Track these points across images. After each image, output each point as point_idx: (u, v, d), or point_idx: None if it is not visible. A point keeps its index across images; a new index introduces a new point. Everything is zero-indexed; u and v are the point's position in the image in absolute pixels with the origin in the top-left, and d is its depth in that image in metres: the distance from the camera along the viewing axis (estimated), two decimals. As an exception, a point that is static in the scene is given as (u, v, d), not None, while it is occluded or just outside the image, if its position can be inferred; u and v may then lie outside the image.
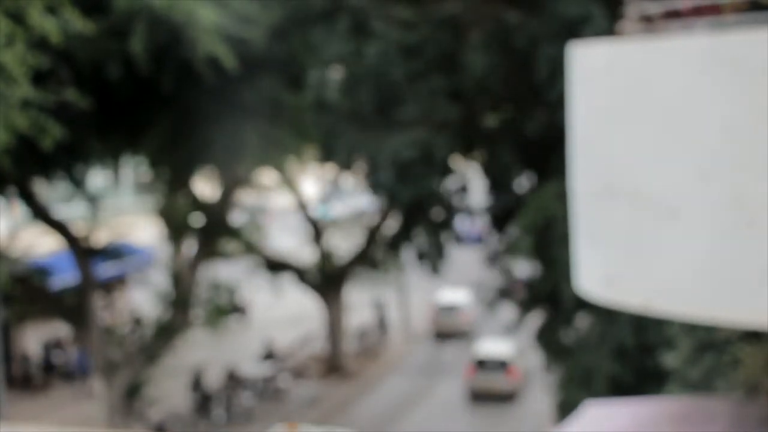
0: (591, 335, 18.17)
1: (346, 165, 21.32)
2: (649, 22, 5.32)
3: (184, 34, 17.90)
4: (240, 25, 18.84)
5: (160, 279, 28.25)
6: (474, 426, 27.13)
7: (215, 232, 26.78)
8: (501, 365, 28.62)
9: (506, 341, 28.77)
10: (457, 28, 18.68)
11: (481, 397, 28.84)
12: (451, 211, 22.10)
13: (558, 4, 17.31)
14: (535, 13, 17.86)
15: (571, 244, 5.65)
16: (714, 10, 5.03)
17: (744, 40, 4.37)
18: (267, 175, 29.95)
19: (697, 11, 5.11)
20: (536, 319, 20.59)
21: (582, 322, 18.91)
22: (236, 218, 28.83)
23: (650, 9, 5.33)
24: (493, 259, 22.12)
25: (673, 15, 5.22)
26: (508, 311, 22.21)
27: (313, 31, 19.01)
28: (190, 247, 28.04)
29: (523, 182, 21.23)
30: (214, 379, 28.11)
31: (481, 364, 28.70)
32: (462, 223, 26.11)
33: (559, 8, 17.26)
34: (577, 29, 16.20)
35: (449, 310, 35.62)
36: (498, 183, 21.49)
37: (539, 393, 26.42)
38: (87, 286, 24.65)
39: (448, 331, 35.62)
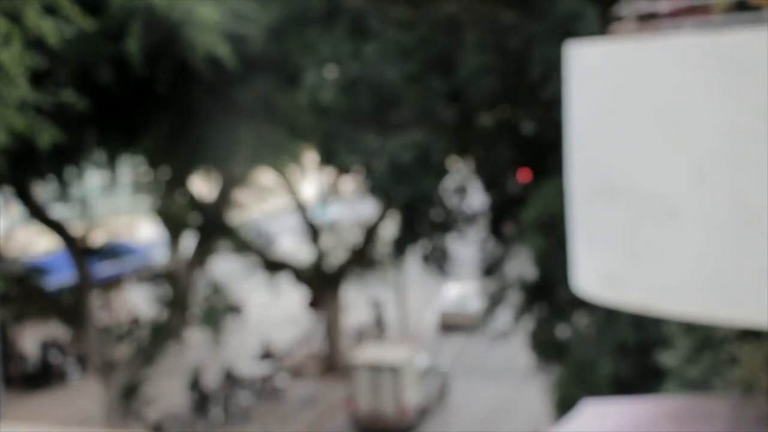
0: (589, 333, 18.16)
1: (343, 166, 21.28)
2: (643, 21, 5.32)
3: (183, 33, 17.86)
4: (237, 24, 18.82)
5: (157, 279, 28.21)
6: (471, 424, 27.11)
7: (213, 231, 26.76)
8: None
9: None
10: (453, 29, 18.68)
11: None
12: (450, 212, 22.03)
13: (551, 3, 17.32)
14: (530, 13, 17.86)
15: (568, 242, 5.65)
16: (704, 11, 5.04)
17: (741, 39, 4.37)
18: (265, 176, 29.93)
19: (689, 11, 5.11)
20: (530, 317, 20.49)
21: (579, 319, 18.88)
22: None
23: (644, 8, 5.34)
24: (490, 262, 21.92)
25: (666, 15, 5.22)
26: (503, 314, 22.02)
27: (311, 31, 18.99)
28: (188, 246, 28.03)
29: (519, 182, 21.17)
30: (211, 379, 28.10)
31: None
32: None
33: (552, 8, 17.27)
34: (570, 29, 16.23)
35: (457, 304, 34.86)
36: (494, 183, 21.45)
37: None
38: (84, 285, 24.64)
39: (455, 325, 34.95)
